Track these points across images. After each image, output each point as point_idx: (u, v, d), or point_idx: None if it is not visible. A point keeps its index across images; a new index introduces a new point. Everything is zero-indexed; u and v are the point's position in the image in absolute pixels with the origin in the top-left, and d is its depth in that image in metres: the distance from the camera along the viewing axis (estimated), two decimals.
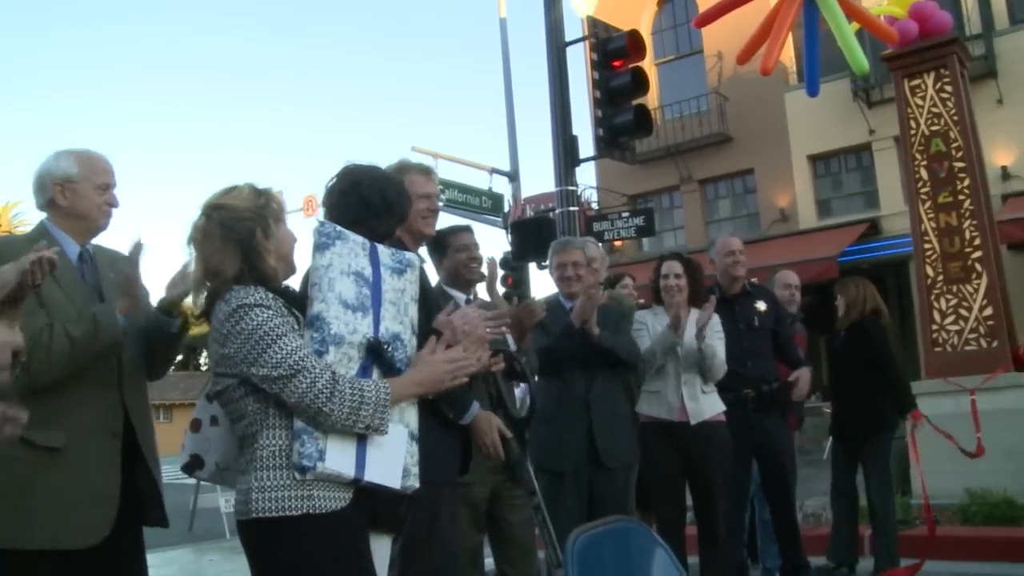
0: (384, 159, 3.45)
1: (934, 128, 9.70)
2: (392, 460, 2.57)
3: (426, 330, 3.00)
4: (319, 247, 2.61)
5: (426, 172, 3.74)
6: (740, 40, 8.14)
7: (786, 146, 19.07)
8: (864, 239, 17.55)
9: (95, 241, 3.32)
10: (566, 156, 9.27)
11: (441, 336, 2.88)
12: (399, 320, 2.70)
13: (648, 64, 18.59)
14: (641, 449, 4.97)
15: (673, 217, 21.04)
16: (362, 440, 2.51)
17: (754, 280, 6.27)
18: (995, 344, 8.91)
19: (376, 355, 2.59)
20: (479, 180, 17.54)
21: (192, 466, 2.87)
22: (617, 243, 16.88)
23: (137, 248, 3.08)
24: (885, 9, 9.83)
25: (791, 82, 18.62)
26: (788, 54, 17.72)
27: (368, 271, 2.67)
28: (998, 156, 16.36)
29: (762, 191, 19.60)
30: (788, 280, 6.73)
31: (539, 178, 57.00)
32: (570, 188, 9.30)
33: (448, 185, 14.39)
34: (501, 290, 14.13)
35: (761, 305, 5.79)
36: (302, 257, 2.73)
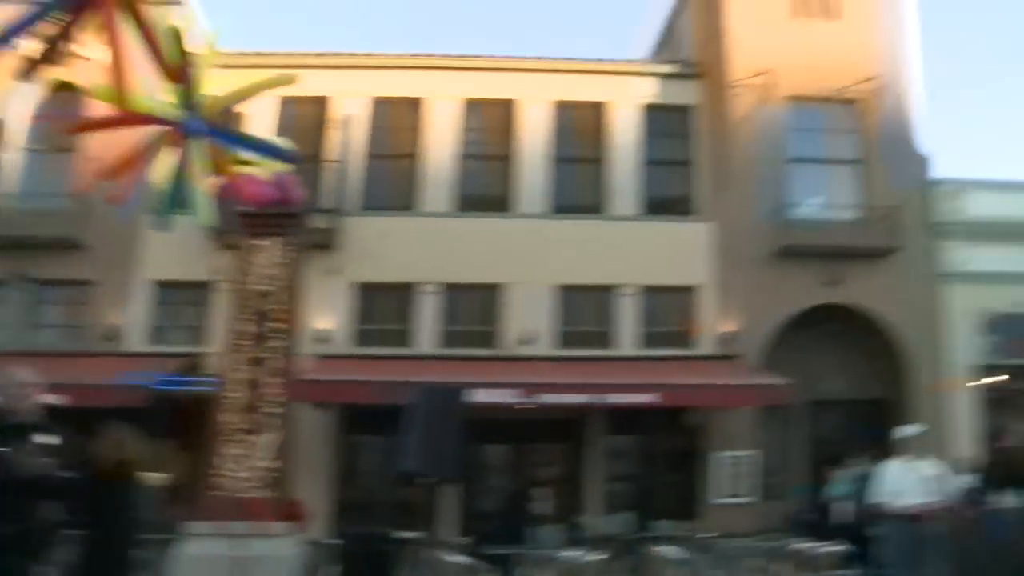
0: None
1: (265, 288, 10.54)
2: None
3: None
4: None
5: None
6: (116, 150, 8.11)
7: (133, 267, 19.02)
8: (190, 371, 17.90)
9: None
10: None
11: None
12: None
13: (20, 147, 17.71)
14: None
15: None
16: None
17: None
18: (272, 494, 9.71)
19: None
20: None
21: None
22: None
23: None
24: (253, 169, 10.58)
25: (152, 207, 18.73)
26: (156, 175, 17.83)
27: None
28: (323, 320, 18.11)
29: (99, 305, 19.12)
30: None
31: None
32: None
33: None
34: None
35: (43, 438, 5.62)
36: None
